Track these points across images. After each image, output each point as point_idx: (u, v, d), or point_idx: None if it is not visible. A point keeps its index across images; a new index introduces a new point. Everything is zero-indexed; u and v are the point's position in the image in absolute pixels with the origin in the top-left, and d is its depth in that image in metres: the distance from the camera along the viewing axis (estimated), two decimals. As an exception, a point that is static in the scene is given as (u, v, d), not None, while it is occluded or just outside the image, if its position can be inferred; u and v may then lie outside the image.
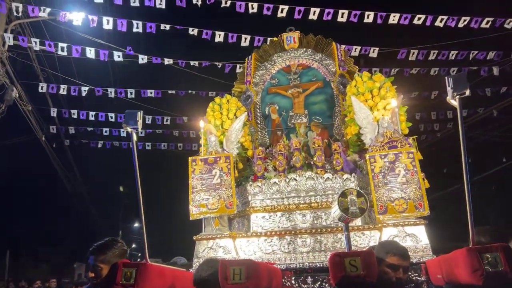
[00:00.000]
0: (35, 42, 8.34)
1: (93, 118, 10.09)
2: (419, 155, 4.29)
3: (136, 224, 24.64)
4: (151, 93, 9.80)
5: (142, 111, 2.93)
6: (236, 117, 5.41)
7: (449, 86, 2.51)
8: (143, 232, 3.13)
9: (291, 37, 6.72)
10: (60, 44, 8.36)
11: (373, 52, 8.83)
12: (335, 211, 2.86)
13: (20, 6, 7.80)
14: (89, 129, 10.74)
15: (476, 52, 8.96)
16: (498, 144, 11.00)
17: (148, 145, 11.40)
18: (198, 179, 4.56)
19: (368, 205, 2.80)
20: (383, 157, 4.27)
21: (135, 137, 3.01)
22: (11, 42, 8.24)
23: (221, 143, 5.06)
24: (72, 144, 11.72)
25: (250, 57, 6.81)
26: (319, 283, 3.97)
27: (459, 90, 2.54)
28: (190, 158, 4.71)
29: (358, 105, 4.93)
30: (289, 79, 6.54)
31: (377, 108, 4.89)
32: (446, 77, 2.53)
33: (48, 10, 7.77)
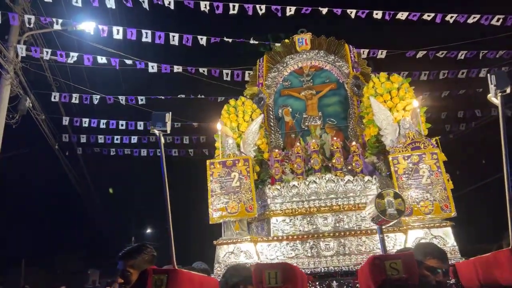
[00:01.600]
0: (47, 52, 8.43)
1: (104, 126, 10.17)
2: (443, 156, 4.24)
3: (149, 230, 24.56)
4: (161, 98, 9.84)
5: (171, 112, 2.86)
6: (252, 120, 5.35)
7: (491, 83, 2.47)
8: (171, 238, 3.06)
9: (303, 39, 6.69)
10: (72, 54, 8.45)
11: (381, 54, 8.84)
12: (371, 212, 2.80)
13: (33, 18, 7.90)
14: (100, 136, 10.75)
15: (486, 51, 8.97)
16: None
17: (159, 151, 11.32)
18: (217, 182, 4.50)
19: (405, 206, 2.74)
20: (406, 158, 4.22)
21: (163, 140, 2.94)
22: (24, 53, 8.35)
23: (238, 145, 5.00)
24: (84, 152, 11.75)
25: (261, 59, 6.77)
26: (344, 287, 3.90)
27: (501, 88, 2.50)
28: (208, 161, 4.65)
29: (377, 106, 4.89)
30: (301, 81, 6.50)
31: (396, 109, 4.85)
32: (488, 74, 2.49)
33: (60, 21, 7.86)
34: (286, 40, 6.82)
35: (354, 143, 5.01)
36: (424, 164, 4.16)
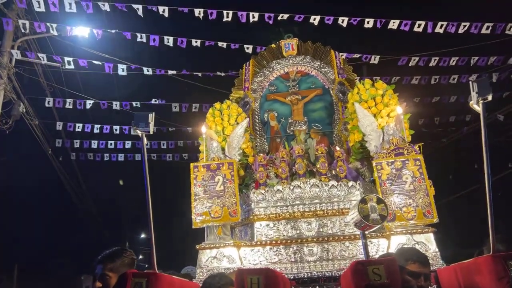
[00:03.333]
0: (42, 58, 8.44)
1: (98, 131, 10.12)
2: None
3: (143, 235, 24.28)
4: (155, 105, 9.88)
5: (154, 113, 2.81)
6: (237, 123, 5.32)
7: (473, 90, 2.50)
8: (152, 241, 3.00)
9: (289, 44, 6.71)
10: (66, 59, 8.43)
11: (374, 60, 8.93)
12: (354, 217, 2.79)
13: (27, 23, 7.84)
14: (94, 142, 10.70)
15: (476, 58, 9.14)
16: (504, 149, 11.18)
17: (154, 156, 11.42)
18: (201, 186, 4.44)
19: (388, 212, 2.75)
20: (390, 164, 4.25)
21: (145, 140, 2.89)
22: (19, 57, 8.37)
23: (222, 149, 4.96)
24: (77, 157, 11.67)
25: (248, 63, 6.76)
26: (327, 292, 3.89)
27: (483, 95, 2.53)
28: (192, 164, 4.59)
29: (362, 112, 4.91)
30: (287, 86, 6.50)
31: (380, 115, 4.88)
32: (470, 82, 2.52)
33: (54, 26, 7.82)
34: (273, 45, 6.82)
35: (338, 148, 5.02)
36: (407, 170, 4.19)
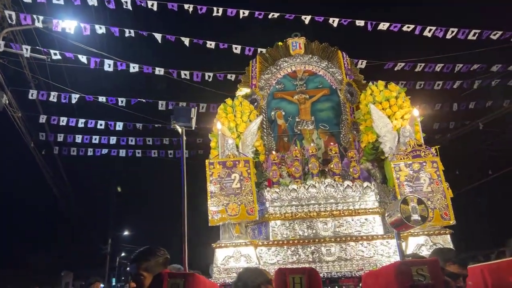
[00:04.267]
0: (27, 49, 8.14)
1: (82, 125, 9.89)
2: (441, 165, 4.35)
3: (126, 232, 23.80)
4: (141, 101, 9.71)
5: (196, 107, 2.72)
6: (250, 121, 5.27)
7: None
8: (184, 241, 2.92)
9: (297, 42, 6.70)
10: (53, 51, 8.19)
11: (361, 64, 9.04)
12: (394, 217, 2.80)
13: (13, 13, 7.53)
14: (78, 136, 10.48)
15: (461, 65, 9.37)
16: (486, 156, 11.53)
17: (139, 152, 11.21)
18: (217, 183, 4.37)
19: (428, 213, 2.76)
20: (408, 166, 4.29)
21: (185, 136, 2.80)
22: (2, 48, 8.03)
23: (236, 146, 4.90)
24: (61, 151, 11.32)
25: (254, 60, 6.71)
26: (346, 293, 3.89)
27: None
28: (207, 161, 4.51)
29: (377, 113, 4.95)
30: (295, 84, 6.49)
31: (395, 117, 4.93)
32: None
33: (41, 18, 7.56)
34: (280, 43, 6.79)
35: (352, 149, 5.04)
36: (425, 172, 4.25)
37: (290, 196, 4.65)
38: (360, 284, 3.91)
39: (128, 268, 2.73)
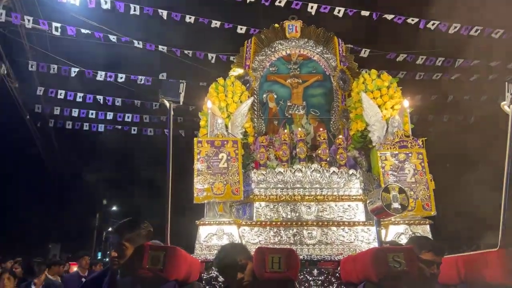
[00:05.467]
0: (29, 20, 7.95)
1: (80, 100, 9.81)
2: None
3: (114, 208, 23.86)
4: (141, 80, 9.62)
5: (185, 82, 2.71)
6: (241, 101, 5.25)
7: (508, 92, 2.57)
8: (168, 216, 2.94)
9: (293, 26, 6.64)
10: (54, 24, 8.03)
11: (364, 53, 9.04)
12: (375, 204, 2.85)
13: None
14: (75, 110, 10.39)
15: (461, 60, 9.44)
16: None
17: (134, 130, 11.17)
18: (204, 162, 4.38)
19: (409, 202, 2.82)
20: (394, 156, 4.35)
21: (172, 111, 2.79)
22: (3, 19, 7.88)
23: (226, 126, 4.89)
24: (56, 124, 11.27)
25: (249, 40, 6.64)
26: (325, 275, 3.98)
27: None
28: (196, 139, 4.51)
29: (368, 102, 4.97)
30: (289, 68, 6.46)
31: (385, 107, 4.97)
32: (506, 83, 2.59)
33: None
34: (276, 25, 6.72)
35: (340, 136, 5.08)
36: (410, 163, 4.31)
37: (276, 179, 4.70)
38: (339, 268, 4.01)
39: (110, 238, 2.73)
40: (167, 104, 2.72)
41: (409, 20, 8.44)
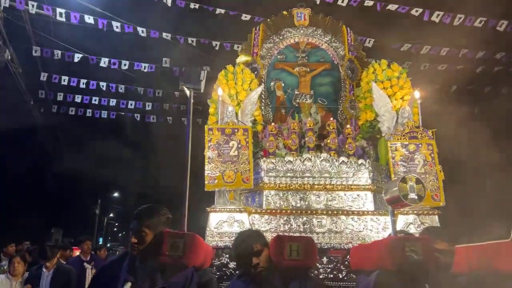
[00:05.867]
0: (33, 6, 7.86)
1: (84, 86, 9.78)
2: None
3: (116, 194, 23.93)
4: (144, 67, 9.60)
5: (206, 70, 2.70)
6: (250, 89, 5.24)
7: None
8: (186, 203, 2.96)
9: (302, 13, 6.59)
10: (58, 10, 7.97)
11: (369, 43, 9.01)
12: (392, 194, 2.88)
13: None
14: (78, 96, 10.42)
15: (466, 50, 9.43)
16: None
17: (137, 116, 11.21)
18: (215, 149, 4.38)
19: (425, 192, 2.85)
20: (404, 146, 4.38)
21: (192, 98, 2.78)
22: (7, 3, 7.84)
23: (235, 114, 4.89)
24: (59, 110, 11.29)
25: (257, 27, 6.59)
26: (334, 263, 4.04)
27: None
28: (206, 126, 4.50)
29: (378, 92, 4.98)
30: (297, 56, 6.43)
31: (395, 97, 4.98)
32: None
33: None
34: (284, 12, 6.66)
35: (348, 126, 5.10)
36: (420, 154, 4.34)
37: (286, 167, 4.72)
38: (348, 256, 4.06)
39: (130, 225, 2.76)
40: (187, 92, 2.71)
41: (413, 12, 8.41)
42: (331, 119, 5.24)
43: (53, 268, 5.16)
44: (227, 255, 4.05)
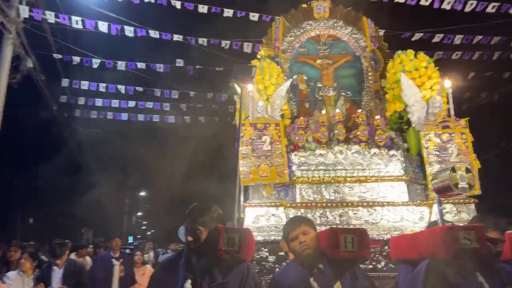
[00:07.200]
0: (50, 15, 8.28)
1: (103, 90, 10.12)
2: (470, 136, 4.45)
3: (143, 193, 24.21)
4: (160, 67, 9.86)
5: (257, 67, 2.71)
6: (278, 84, 5.25)
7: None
8: (236, 199, 2.99)
9: (322, 6, 6.58)
10: (74, 18, 8.29)
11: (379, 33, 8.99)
12: (442, 183, 2.89)
13: None
14: (98, 100, 10.76)
15: (480, 37, 9.38)
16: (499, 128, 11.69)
17: (156, 117, 11.41)
18: (248, 145, 4.42)
19: (475, 181, 2.87)
20: (437, 136, 4.39)
21: (243, 93, 2.79)
22: (27, 14, 8.24)
23: (265, 109, 4.91)
24: (82, 114, 11.69)
25: (277, 21, 6.58)
26: (372, 254, 4.06)
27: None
28: (237, 122, 4.52)
29: (407, 82, 4.97)
30: (318, 49, 6.42)
31: (424, 87, 4.98)
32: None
33: None
34: (304, 5, 6.65)
35: (378, 117, 5.10)
36: (454, 143, 4.35)
37: (317, 160, 4.75)
38: (386, 247, 4.09)
39: (184, 224, 2.80)
40: (238, 89, 2.73)
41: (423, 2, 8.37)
42: (359, 110, 5.25)
43: (63, 265, 5.23)
44: (266, 249, 4.10)
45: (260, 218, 4.26)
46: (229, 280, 2.57)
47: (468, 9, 8.79)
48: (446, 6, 8.76)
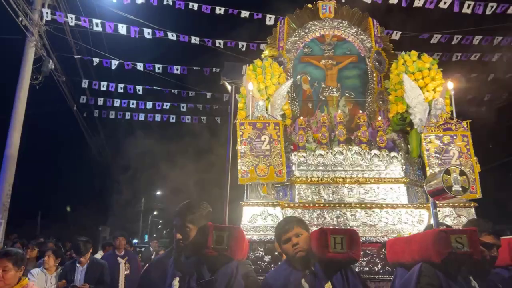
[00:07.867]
0: (72, 18, 8.64)
1: (122, 91, 10.49)
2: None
3: (158, 192, 24.61)
4: (177, 69, 10.12)
5: (247, 65, 2.71)
6: (279, 83, 5.24)
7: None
8: (226, 197, 2.99)
9: (327, 6, 6.54)
10: (95, 20, 8.61)
11: (396, 35, 8.92)
12: (435, 186, 2.85)
13: None
14: (117, 100, 11.14)
15: (500, 38, 9.25)
16: None
17: (173, 118, 11.66)
18: (247, 144, 4.42)
19: (469, 184, 2.82)
20: (438, 138, 4.33)
21: (234, 93, 2.80)
22: (49, 17, 8.62)
23: (265, 108, 4.90)
24: (100, 114, 12.19)
25: (282, 21, 6.57)
26: (369, 256, 4.03)
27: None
28: (238, 121, 4.54)
29: (409, 84, 4.92)
30: (322, 49, 6.39)
31: (427, 89, 4.92)
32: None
33: None
34: (309, 5, 6.63)
35: (380, 118, 5.06)
36: (455, 146, 4.29)
37: (317, 161, 4.73)
38: (383, 250, 4.05)
39: (173, 222, 2.82)
40: (229, 86, 2.74)
41: (441, 4, 8.27)
42: (361, 111, 5.21)
43: (87, 263, 5.30)
44: (262, 249, 4.10)
45: (257, 218, 4.25)
46: (217, 278, 2.57)
47: (488, 11, 8.68)
48: (466, 10, 8.65)
